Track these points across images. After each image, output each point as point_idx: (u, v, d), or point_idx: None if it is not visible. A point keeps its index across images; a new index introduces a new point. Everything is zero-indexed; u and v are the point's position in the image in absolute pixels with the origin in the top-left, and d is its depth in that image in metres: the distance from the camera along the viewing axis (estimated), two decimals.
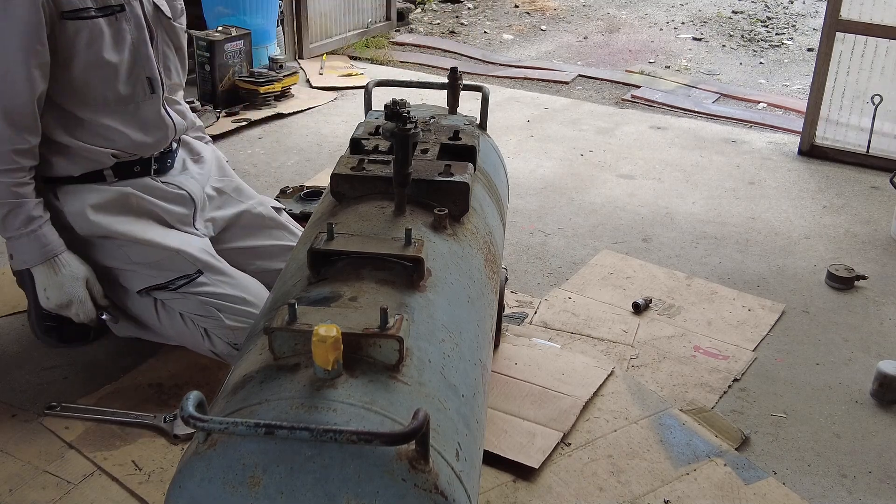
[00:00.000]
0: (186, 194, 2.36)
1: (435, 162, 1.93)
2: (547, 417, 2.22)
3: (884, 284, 2.98)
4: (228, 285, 2.26)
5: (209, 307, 2.22)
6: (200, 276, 2.23)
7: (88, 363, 2.41)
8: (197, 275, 2.23)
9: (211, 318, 2.23)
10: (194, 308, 2.23)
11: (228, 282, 2.26)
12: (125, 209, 2.24)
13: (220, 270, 2.27)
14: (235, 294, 2.24)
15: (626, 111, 4.69)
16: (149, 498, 1.94)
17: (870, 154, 3.94)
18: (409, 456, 1.19)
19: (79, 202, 2.20)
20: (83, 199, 2.20)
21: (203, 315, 2.23)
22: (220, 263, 2.29)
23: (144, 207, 2.27)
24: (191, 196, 2.37)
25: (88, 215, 2.19)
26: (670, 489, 2.03)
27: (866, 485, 2.10)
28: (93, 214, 2.19)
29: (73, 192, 2.20)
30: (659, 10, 6.95)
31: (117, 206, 2.23)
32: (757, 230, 3.36)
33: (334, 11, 5.45)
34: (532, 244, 3.18)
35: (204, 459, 1.22)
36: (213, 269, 2.26)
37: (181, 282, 2.22)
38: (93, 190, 2.22)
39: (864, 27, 3.79)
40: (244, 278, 2.31)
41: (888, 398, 2.38)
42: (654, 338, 2.63)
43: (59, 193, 2.20)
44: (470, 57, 5.69)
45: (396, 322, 1.35)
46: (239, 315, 2.21)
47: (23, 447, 2.09)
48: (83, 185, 2.21)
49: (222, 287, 2.24)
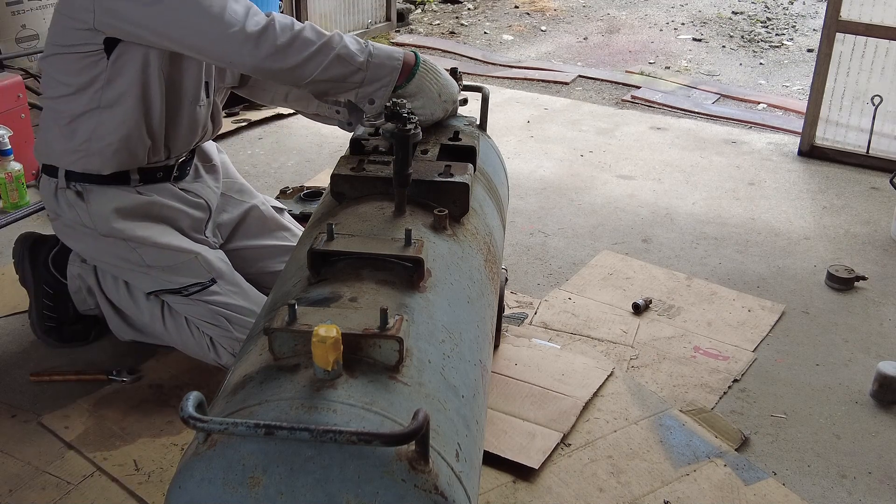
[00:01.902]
0: (204, 202, 2.35)
1: (435, 162, 1.93)
2: (547, 418, 2.22)
3: (884, 285, 2.98)
4: (240, 296, 2.25)
5: (219, 317, 2.21)
6: (214, 284, 2.22)
7: (88, 364, 2.40)
8: (210, 283, 2.22)
9: (219, 328, 2.22)
10: (203, 315, 2.22)
11: (241, 293, 2.25)
12: (147, 216, 2.23)
13: (233, 281, 2.26)
14: (246, 306, 2.23)
15: (626, 112, 4.69)
16: (149, 498, 1.94)
17: (870, 154, 3.94)
18: (408, 456, 1.19)
19: (105, 204, 2.17)
20: (109, 202, 2.17)
21: (211, 323, 2.22)
22: (234, 275, 2.28)
23: (165, 214, 2.26)
24: (207, 204, 2.36)
25: (111, 219, 2.17)
26: (670, 490, 2.03)
27: (866, 485, 2.10)
28: (115, 219, 2.17)
29: (100, 193, 2.17)
30: (659, 10, 6.95)
31: (141, 212, 2.21)
32: (757, 231, 3.36)
33: (334, 12, 5.46)
34: (532, 245, 3.18)
35: (204, 460, 1.21)
36: (227, 279, 2.25)
37: (194, 289, 2.21)
38: (119, 194, 2.18)
39: (864, 28, 3.79)
40: (256, 293, 2.30)
41: (888, 399, 2.38)
42: (654, 338, 2.63)
43: (85, 192, 2.17)
44: (470, 57, 5.69)
45: (396, 322, 1.35)
46: (247, 328, 2.19)
47: (22, 447, 2.09)
48: (109, 188, 2.18)
49: (234, 298, 2.23)
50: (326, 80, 1.98)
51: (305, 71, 1.96)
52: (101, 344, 2.49)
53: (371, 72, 1.97)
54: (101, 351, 2.47)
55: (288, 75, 1.98)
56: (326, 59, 1.94)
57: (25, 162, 3.21)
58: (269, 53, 1.92)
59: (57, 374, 2.33)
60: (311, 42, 1.94)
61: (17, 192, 3.21)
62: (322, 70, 1.95)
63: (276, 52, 1.93)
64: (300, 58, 1.94)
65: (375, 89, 2.00)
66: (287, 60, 1.94)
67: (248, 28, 1.91)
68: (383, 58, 1.99)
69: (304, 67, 1.95)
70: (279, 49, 1.92)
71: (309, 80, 1.97)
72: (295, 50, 1.93)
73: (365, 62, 1.97)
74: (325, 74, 1.96)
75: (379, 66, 1.98)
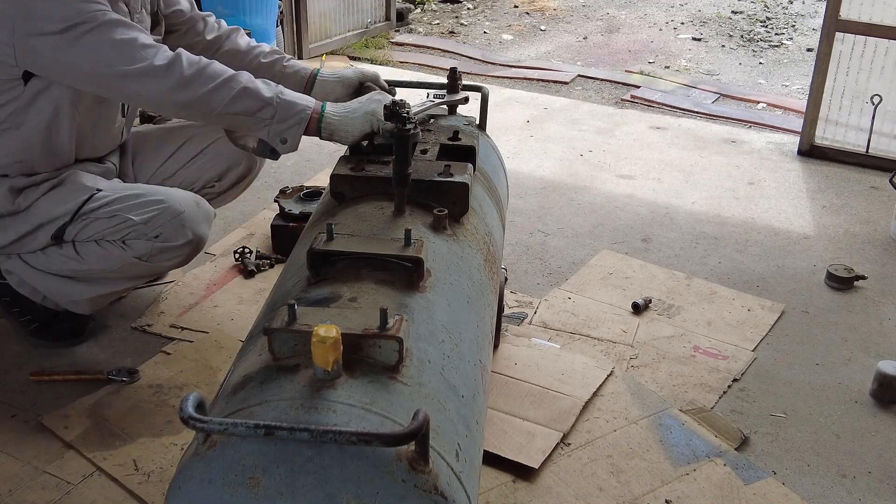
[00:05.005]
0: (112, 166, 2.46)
1: (434, 162, 1.93)
2: (547, 418, 2.22)
3: (883, 284, 2.98)
4: (126, 189, 2.30)
5: (114, 217, 2.24)
6: (99, 192, 2.26)
7: (88, 364, 2.40)
8: (96, 191, 2.26)
9: (121, 225, 2.24)
10: (104, 225, 2.24)
11: (125, 188, 2.31)
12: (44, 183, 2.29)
13: (114, 185, 2.33)
14: (134, 192, 2.28)
15: (625, 111, 4.69)
16: (149, 498, 1.94)
17: (869, 154, 3.94)
18: (409, 457, 1.20)
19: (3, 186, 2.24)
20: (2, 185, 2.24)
21: (113, 226, 2.24)
22: (113, 181, 2.36)
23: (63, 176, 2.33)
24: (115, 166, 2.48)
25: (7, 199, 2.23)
26: (670, 489, 2.03)
27: (866, 485, 2.10)
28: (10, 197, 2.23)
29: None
30: (658, 10, 6.95)
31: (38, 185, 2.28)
32: (756, 230, 3.36)
33: (334, 12, 5.45)
34: (532, 244, 3.18)
35: (204, 460, 1.22)
36: (109, 185, 2.31)
37: (84, 207, 2.24)
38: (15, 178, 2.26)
39: (863, 27, 3.79)
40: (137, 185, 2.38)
41: (888, 398, 2.38)
42: (654, 338, 2.63)
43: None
44: (469, 57, 5.69)
45: (396, 323, 1.35)
46: (144, 207, 2.23)
47: (22, 447, 2.09)
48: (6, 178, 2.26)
49: (121, 191, 2.28)
50: (235, 113, 2.06)
51: (213, 101, 2.04)
52: (101, 344, 2.49)
53: (281, 109, 2.04)
54: (101, 351, 2.47)
55: (196, 107, 2.07)
56: (233, 91, 2.04)
57: None
58: (177, 84, 2.04)
59: (57, 374, 2.33)
60: (218, 74, 2.06)
61: None
62: (230, 101, 2.04)
63: (183, 82, 2.04)
64: (207, 88, 2.04)
65: (288, 127, 2.05)
66: (194, 90, 2.04)
67: (156, 62, 2.03)
68: (294, 97, 2.07)
69: (211, 98, 2.04)
70: (186, 80, 2.04)
71: (217, 111, 2.06)
72: (202, 80, 2.04)
73: (273, 97, 2.04)
74: (233, 107, 2.05)
75: (289, 105, 2.05)
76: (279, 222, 3.00)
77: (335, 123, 2.04)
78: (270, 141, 2.08)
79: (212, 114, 2.07)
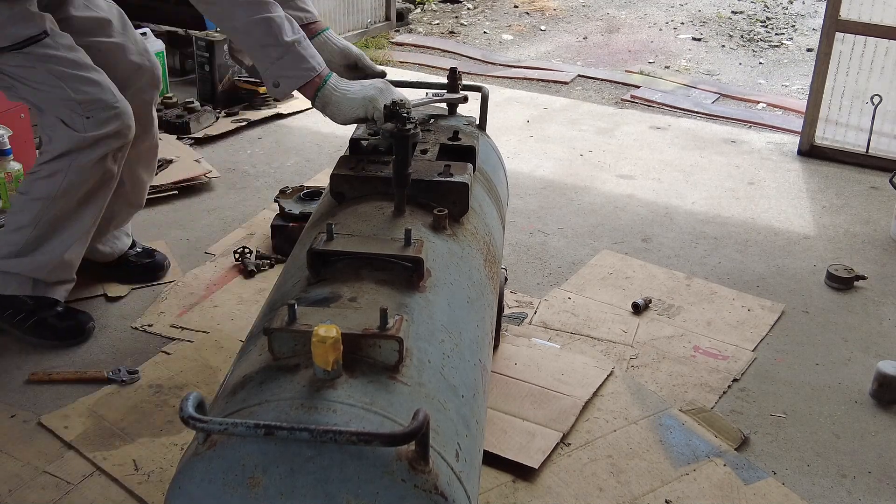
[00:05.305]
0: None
1: (434, 162, 1.93)
2: (546, 417, 2.22)
3: (883, 284, 2.98)
4: (73, 52, 2.27)
5: (54, 77, 2.23)
6: (46, 37, 2.23)
7: (88, 364, 2.41)
8: (43, 35, 2.23)
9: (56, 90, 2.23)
10: (42, 80, 2.23)
11: (73, 51, 2.28)
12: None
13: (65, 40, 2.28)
14: (78, 60, 2.26)
15: (625, 111, 4.69)
16: (148, 498, 1.94)
17: (869, 154, 3.94)
18: (408, 457, 1.20)
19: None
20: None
21: (48, 87, 2.23)
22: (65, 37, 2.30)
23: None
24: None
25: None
26: (670, 489, 2.03)
27: (866, 485, 2.10)
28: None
29: None
30: (658, 10, 6.94)
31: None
32: (756, 230, 3.36)
33: (334, 11, 5.45)
34: (532, 244, 3.18)
35: (204, 460, 1.22)
36: (59, 35, 2.27)
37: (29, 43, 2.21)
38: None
39: (863, 27, 3.79)
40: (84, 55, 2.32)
41: (888, 398, 2.38)
42: (654, 338, 2.63)
43: None
44: (469, 57, 5.69)
45: (396, 322, 1.35)
46: (81, 84, 2.22)
47: (22, 447, 2.09)
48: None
49: (65, 52, 2.25)
50: (248, 33, 1.99)
51: (236, 14, 1.97)
52: (100, 344, 2.49)
53: (290, 57, 1.98)
54: (101, 351, 2.47)
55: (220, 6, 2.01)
56: (257, 16, 1.95)
57: (25, 161, 3.21)
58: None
59: (56, 374, 2.34)
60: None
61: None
62: (249, 24, 1.96)
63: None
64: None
65: (287, 76, 1.99)
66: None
67: None
68: (308, 54, 2.00)
69: (235, 10, 1.97)
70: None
71: (232, 25, 2.00)
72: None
73: (291, 43, 1.97)
74: (250, 31, 1.97)
75: (300, 58, 1.98)
76: (279, 222, 3.00)
77: (332, 98, 1.99)
78: (264, 77, 2.03)
79: (226, 23, 2.03)
